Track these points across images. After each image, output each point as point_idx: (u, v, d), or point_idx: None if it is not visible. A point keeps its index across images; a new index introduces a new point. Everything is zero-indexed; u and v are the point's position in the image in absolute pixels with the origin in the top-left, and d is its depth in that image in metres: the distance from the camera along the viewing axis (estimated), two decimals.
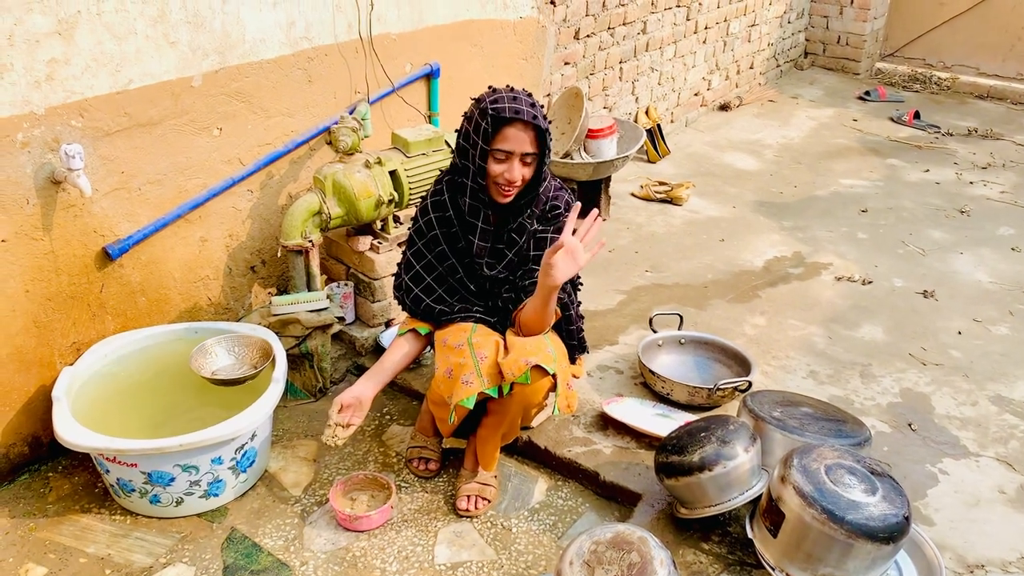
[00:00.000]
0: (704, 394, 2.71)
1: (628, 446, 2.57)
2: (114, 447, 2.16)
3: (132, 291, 2.64)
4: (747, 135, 5.57)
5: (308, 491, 2.47)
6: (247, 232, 2.93)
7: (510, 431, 2.39)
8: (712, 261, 3.85)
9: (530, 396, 2.24)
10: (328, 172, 2.80)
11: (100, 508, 2.38)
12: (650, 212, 4.36)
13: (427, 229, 2.36)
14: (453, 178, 2.31)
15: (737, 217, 4.34)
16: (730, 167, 5.02)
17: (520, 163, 2.17)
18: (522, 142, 2.15)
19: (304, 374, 2.82)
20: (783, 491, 1.97)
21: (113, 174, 2.47)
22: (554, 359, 2.22)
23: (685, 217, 4.32)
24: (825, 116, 5.99)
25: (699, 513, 2.17)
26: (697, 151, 5.25)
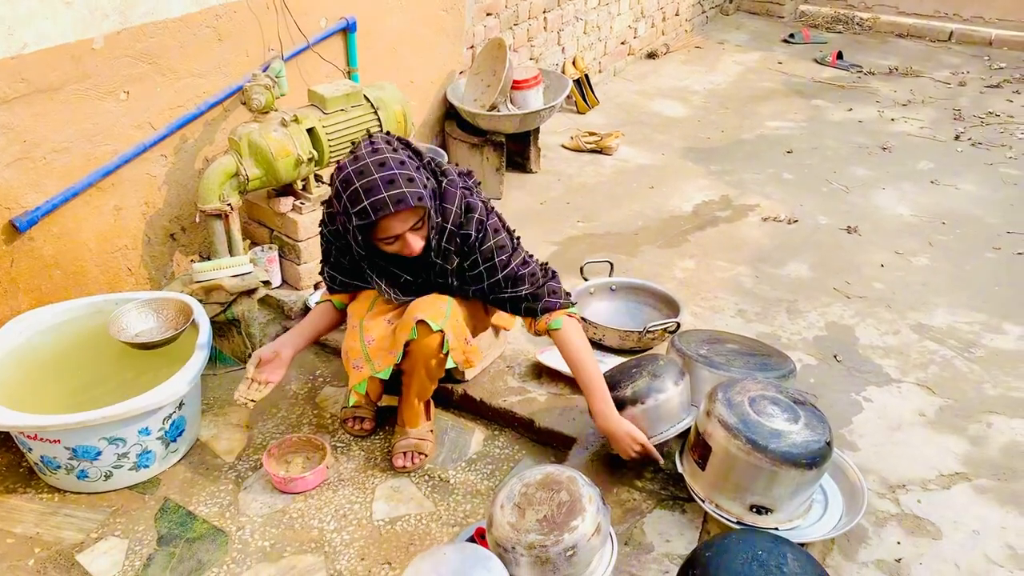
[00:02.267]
0: (635, 337, 2.75)
1: (562, 393, 2.60)
2: (34, 424, 2.11)
3: (45, 265, 2.56)
4: (675, 82, 5.60)
5: (242, 457, 2.45)
6: (164, 199, 2.85)
7: (422, 388, 2.36)
8: (642, 208, 3.88)
9: (422, 351, 2.21)
10: (243, 132, 2.74)
11: (26, 487, 2.34)
12: (581, 163, 4.37)
13: (332, 242, 2.30)
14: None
15: (666, 164, 4.38)
16: (658, 115, 5.05)
17: (413, 234, 2.06)
18: (402, 222, 2.02)
19: (232, 341, 2.78)
20: (709, 425, 2.01)
21: (14, 143, 2.38)
22: (445, 316, 2.19)
23: (615, 166, 4.35)
24: (751, 60, 6.05)
25: None
26: (626, 100, 5.26)
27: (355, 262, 2.27)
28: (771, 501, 1.96)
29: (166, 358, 2.51)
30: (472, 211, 2.17)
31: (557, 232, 3.64)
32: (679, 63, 5.98)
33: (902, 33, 6.75)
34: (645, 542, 2.08)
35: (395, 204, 1.96)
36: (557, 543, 1.71)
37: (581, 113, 5.01)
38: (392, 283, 2.27)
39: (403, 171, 1.99)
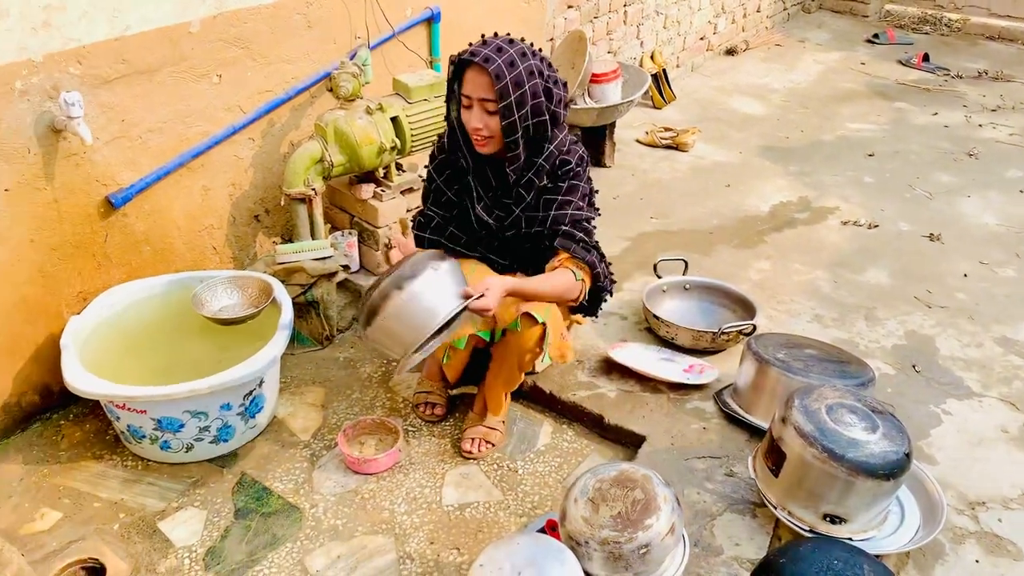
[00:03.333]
0: (708, 338, 2.72)
1: (632, 390, 2.59)
2: (124, 394, 2.19)
3: (136, 240, 2.65)
4: (753, 80, 5.51)
5: (317, 436, 2.51)
6: (250, 181, 2.93)
7: (510, 377, 2.41)
8: (717, 207, 3.84)
9: (522, 343, 2.26)
10: (330, 119, 2.79)
11: (112, 455, 2.43)
12: (655, 158, 4.34)
13: (435, 178, 2.37)
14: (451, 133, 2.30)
15: (743, 162, 4.32)
16: (736, 112, 4.98)
17: (481, 110, 2.12)
18: (477, 86, 2.09)
19: (311, 322, 2.84)
20: (784, 431, 1.99)
21: (113, 122, 2.46)
22: (546, 307, 2.24)
23: (691, 163, 4.30)
24: (832, 60, 5.91)
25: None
26: (703, 96, 5.19)
27: (453, 189, 2.31)
28: (845, 511, 1.93)
29: (247, 336, 2.58)
30: (577, 148, 2.28)
31: (630, 228, 3.62)
32: (758, 60, 5.87)
33: (993, 36, 6.51)
34: (714, 545, 2.06)
35: (478, 57, 2.05)
36: (631, 540, 1.71)
37: (657, 108, 4.96)
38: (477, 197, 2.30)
39: (513, 53, 2.07)
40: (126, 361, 2.51)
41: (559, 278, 2.24)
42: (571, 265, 2.26)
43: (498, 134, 2.15)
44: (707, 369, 2.64)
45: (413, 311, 1.93)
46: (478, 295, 2.01)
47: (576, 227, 2.27)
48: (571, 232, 2.26)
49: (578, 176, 2.26)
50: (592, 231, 2.34)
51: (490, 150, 2.20)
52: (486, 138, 2.17)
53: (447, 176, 2.35)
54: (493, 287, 2.07)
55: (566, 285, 2.25)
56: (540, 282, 2.22)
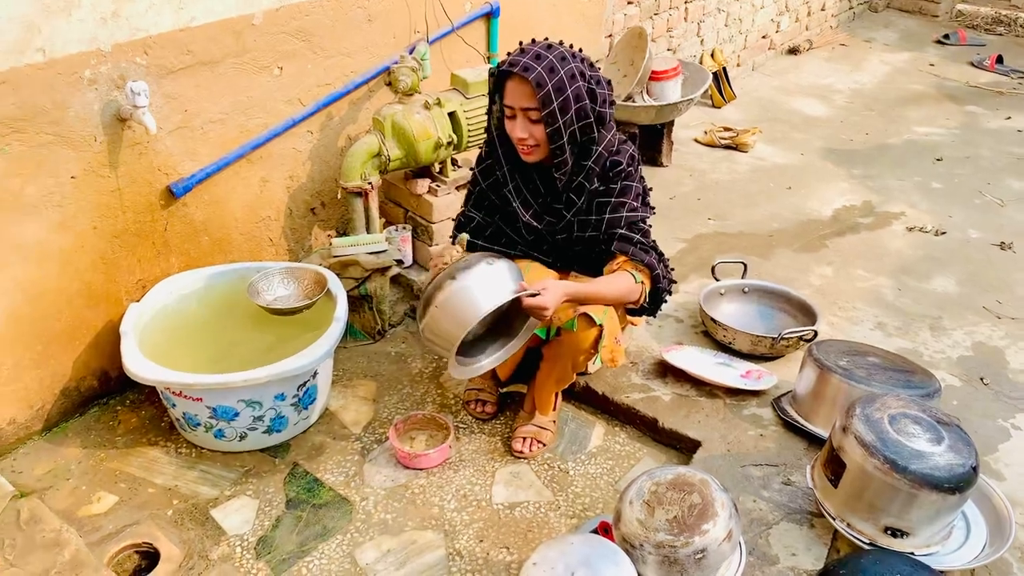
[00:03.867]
0: (767, 343, 2.70)
1: (687, 394, 2.58)
2: (181, 381, 2.25)
3: (195, 230, 2.71)
4: (817, 80, 5.44)
5: (368, 429, 2.54)
6: (307, 174, 2.98)
7: (563, 377, 2.43)
8: (778, 210, 3.80)
9: (577, 343, 2.27)
10: (388, 113, 2.83)
11: (167, 441, 2.49)
12: (714, 158, 4.31)
13: (480, 181, 2.39)
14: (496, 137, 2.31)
15: (805, 165, 4.27)
16: (798, 113, 4.92)
17: (525, 119, 2.13)
18: (519, 96, 2.10)
19: (363, 316, 2.89)
20: (844, 440, 1.97)
21: (176, 112, 2.52)
22: (604, 309, 2.24)
23: (750, 164, 4.27)
24: (900, 61, 5.81)
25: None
26: (764, 96, 5.15)
27: (498, 194, 2.33)
28: (908, 524, 1.91)
29: (301, 327, 2.62)
30: (627, 147, 2.27)
31: (687, 229, 3.60)
32: (822, 60, 5.79)
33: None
34: (770, 554, 2.05)
35: (517, 67, 2.06)
36: (687, 545, 1.71)
37: (717, 107, 4.93)
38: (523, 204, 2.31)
39: (552, 59, 2.07)
40: (182, 349, 2.58)
41: (618, 282, 2.24)
42: (630, 268, 2.26)
43: (544, 142, 2.16)
44: (765, 375, 2.62)
45: (466, 300, 1.98)
46: (535, 291, 2.03)
47: (632, 229, 2.27)
48: (628, 235, 2.26)
49: (630, 176, 2.26)
50: (649, 231, 2.33)
51: (536, 158, 2.21)
52: (532, 147, 2.17)
53: (493, 182, 2.35)
54: (551, 288, 2.07)
55: (626, 289, 2.25)
56: (599, 286, 2.22)
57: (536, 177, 2.30)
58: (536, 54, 2.07)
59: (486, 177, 2.36)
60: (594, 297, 2.21)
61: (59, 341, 2.47)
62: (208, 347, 2.67)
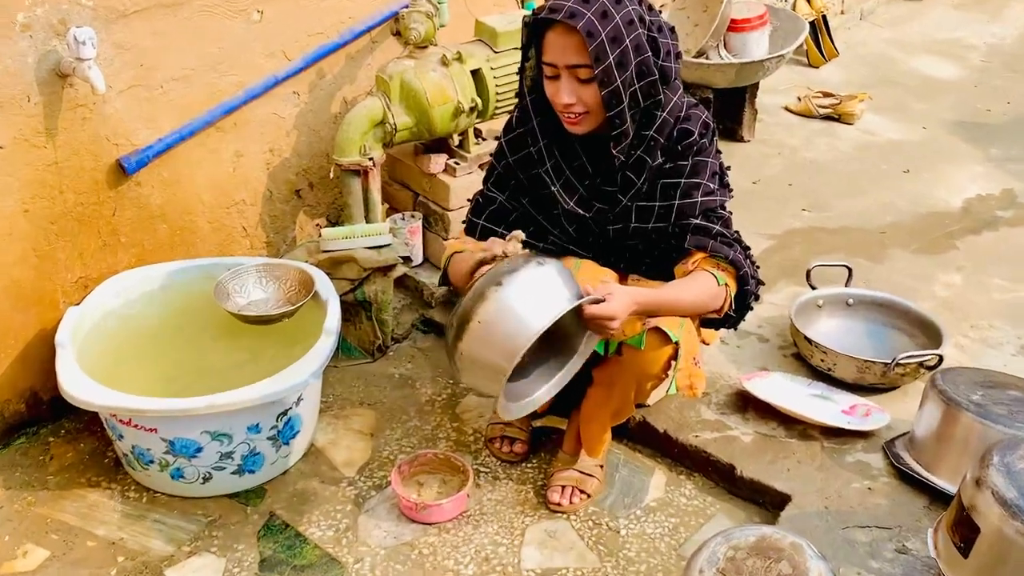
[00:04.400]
0: (878, 370, 2.68)
1: (774, 434, 2.57)
2: (130, 406, 2.27)
3: (151, 216, 2.75)
4: (943, 33, 5.43)
5: (364, 472, 2.56)
6: (292, 147, 3.01)
7: (622, 408, 2.42)
8: (892, 199, 3.79)
9: (645, 365, 2.26)
10: (395, 71, 2.84)
11: (111, 482, 2.52)
12: (810, 132, 4.31)
13: (507, 154, 2.37)
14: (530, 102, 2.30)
15: (928, 141, 4.26)
16: (919, 75, 4.91)
17: (572, 79, 2.10)
18: (564, 51, 2.06)
19: (360, 327, 2.91)
20: (978, 497, 1.95)
21: (130, 67, 2.56)
22: (680, 324, 2.23)
23: (857, 140, 4.26)
24: None
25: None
26: (875, 52, 5.14)
27: (529, 173, 2.32)
28: None
29: (281, 340, 2.65)
30: (698, 112, 2.25)
31: (774, 222, 3.59)
32: (950, 6, 5.79)
33: None
34: None
35: (561, 13, 2.01)
36: None
37: (814, 66, 4.94)
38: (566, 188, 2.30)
39: (603, 4, 2.03)
40: (134, 365, 2.61)
41: (698, 285, 2.21)
42: (710, 267, 2.24)
43: (596, 108, 2.13)
44: (874, 411, 2.60)
45: (516, 314, 1.94)
46: (599, 297, 2.02)
47: (710, 217, 2.26)
48: (705, 225, 2.25)
49: (704, 149, 2.24)
50: (730, 219, 2.32)
51: (585, 129, 2.19)
52: (580, 115, 2.15)
53: (524, 157, 2.33)
54: (618, 294, 2.04)
55: (707, 294, 2.22)
56: (675, 291, 2.20)
57: (582, 152, 2.29)
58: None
59: (515, 150, 2.35)
60: (669, 305, 2.19)
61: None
62: (165, 364, 2.69)
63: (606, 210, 2.28)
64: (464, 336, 1.95)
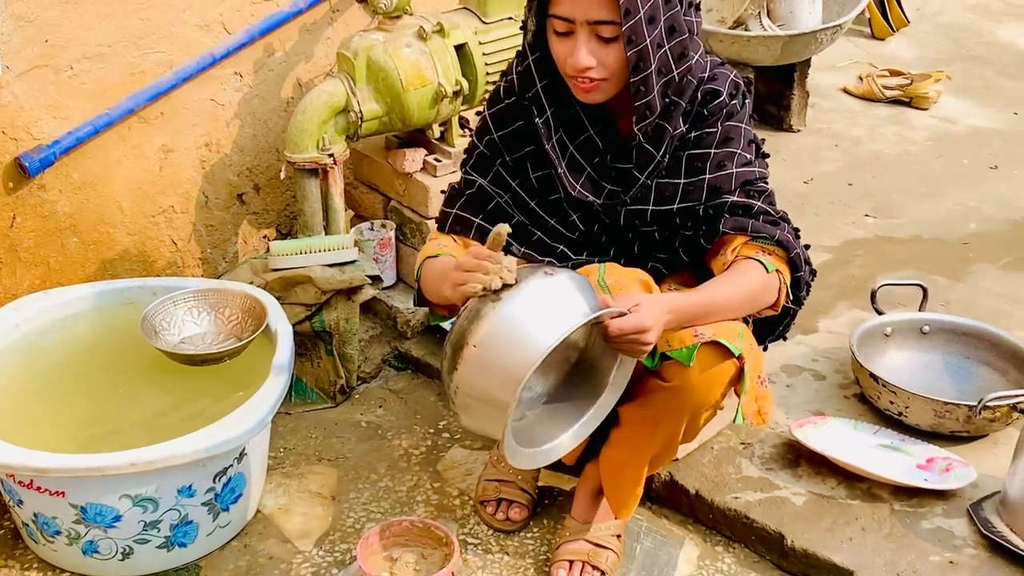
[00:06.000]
0: (961, 414, 2.68)
1: (832, 495, 2.57)
2: (30, 464, 2.25)
3: (58, 227, 2.75)
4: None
5: (323, 545, 2.55)
6: (232, 140, 3.01)
7: (664, 452, 2.39)
8: (977, 202, 3.82)
9: (701, 391, 2.23)
10: (361, 45, 2.85)
11: (7, 558, 2.50)
12: (873, 120, 4.34)
13: (492, 129, 2.38)
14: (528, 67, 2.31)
15: (1020, 131, 4.28)
16: (1009, 48, 4.96)
17: (592, 37, 2.11)
18: (584, 4, 2.08)
19: (318, 364, 2.90)
20: None
21: (33, 42, 2.57)
22: (739, 334, 2.22)
23: (932, 129, 4.29)
24: None
25: None
26: (952, 21, 5.18)
27: (520, 152, 2.34)
28: None
29: (221, 381, 2.64)
30: (725, 71, 2.30)
31: (830, 230, 3.61)
32: None
33: None
34: None
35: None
36: None
37: (878, 38, 4.97)
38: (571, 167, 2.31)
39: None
40: (37, 413, 2.60)
41: (745, 277, 2.22)
42: (753, 252, 2.25)
43: (617, 73, 2.15)
44: (957, 465, 2.60)
45: (520, 333, 1.92)
46: (622, 310, 2.00)
47: (749, 193, 2.29)
48: (744, 202, 2.27)
49: (735, 113, 2.29)
50: (773, 194, 2.35)
51: (601, 98, 2.21)
52: (598, 80, 2.16)
53: (514, 132, 2.35)
54: (647, 303, 2.03)
55: (758, 286, 2.23)
56: (718, 290, 2.21)
57: (588, 123, 2.31)
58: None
59: (504, 124, 2.36)
60: (713, 308, 2.19)
61: None
62: (79, 410, 2.69)
63: (620, 192, 2.30)
64: (459, 365, 1.94)
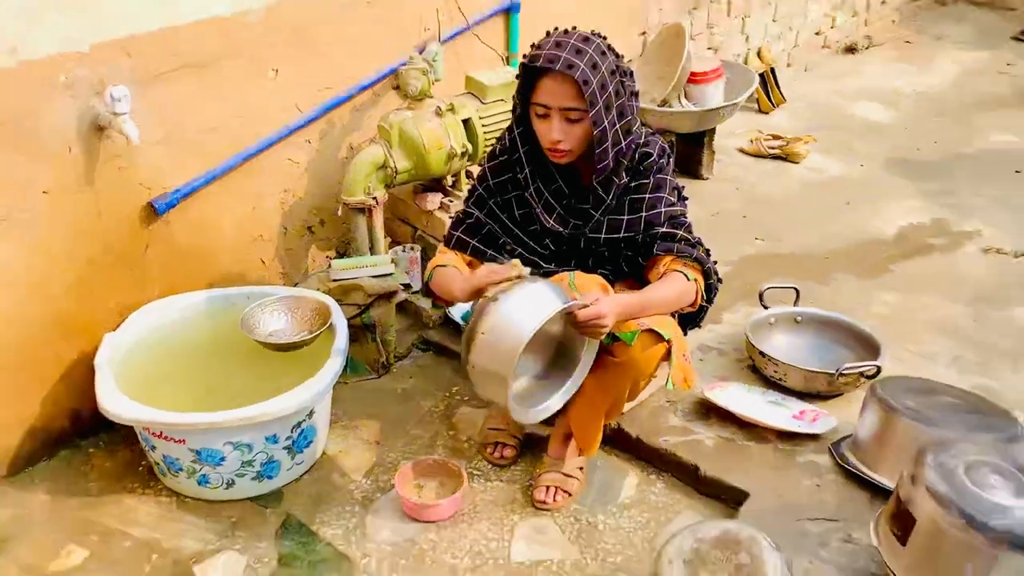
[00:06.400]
0: (824, 380, 2.69)
1: (733, 438, 2.57)
2: (161, 420, 2.26)
3: (180, 252, 2.75)
4: (879, 82, 5.46)
5: (370, 476, 2.55)
6: (304, 188, 3.01)
7: (615, 407, 2.41)
8: (836, 229, 3.81)
9: (641, 365, 2.28)
10: (395, 120, 2.86)
11: (145, 488, 2.50)
12: (762, 170, 4.33)
13: (488, 177, 2.40)
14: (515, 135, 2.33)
15: (866, 178, 4.28)
16: (858, 119, 4.94)
17: (563, 120, 2.15)
18: (559, 95, 2.12)
19: (366, 348, 2.90)
20: (914, 492, 1.95)
21: (161, 120, 2.56)
22: (668, 324, 2.28)
23: (803, 176, 4.28)
24: (973, 60, 5.82)
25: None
26: (818, 100, 5.17)
27: (508, 195, 2.36)
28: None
29: (299, 363, 2.64)
30: (655, 139, 2.32)
31: (732, 249, 3.60)
32: (884, 60, 5.82)
33: None
34: None
35: (558, 64, 2.06)
36: None
37: (764, 112, 4.96)
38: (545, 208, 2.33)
39: (592, 53, 2.10)
40: (164, 385, 2.60)
41: (672, 284, 2.28)
42: (678, 267, 2.30)
43: (579, 143, 2.20)
44: (822, 416, 2.60)
45: (513, 322, 2.00)
46: (586, 303, 2.06)
47: (674, 224, 2.33)
48: (671, 232, 2.32)
49: (663, 169, 2.32)
50: (691, 226, 2.39)
51: (568, 160, 2.25)
52: (566, 150, 2.20)
53: (506, 181, 2.38)
54: (604, 300, 2.10)
55: (682, 289, 2.29)
56: (654, 292, 2.26)
57: (558, 176, 2.33)
58: (575, 48, 2.09)
59: (498, 175, 2.39)
60: (651, 305, 2.24)
61: (27, 376, 2.49)
62: (194, 382, 2.69)
63: (580, 225, 2.34)
64: (472, 349, 2.04)
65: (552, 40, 2.14)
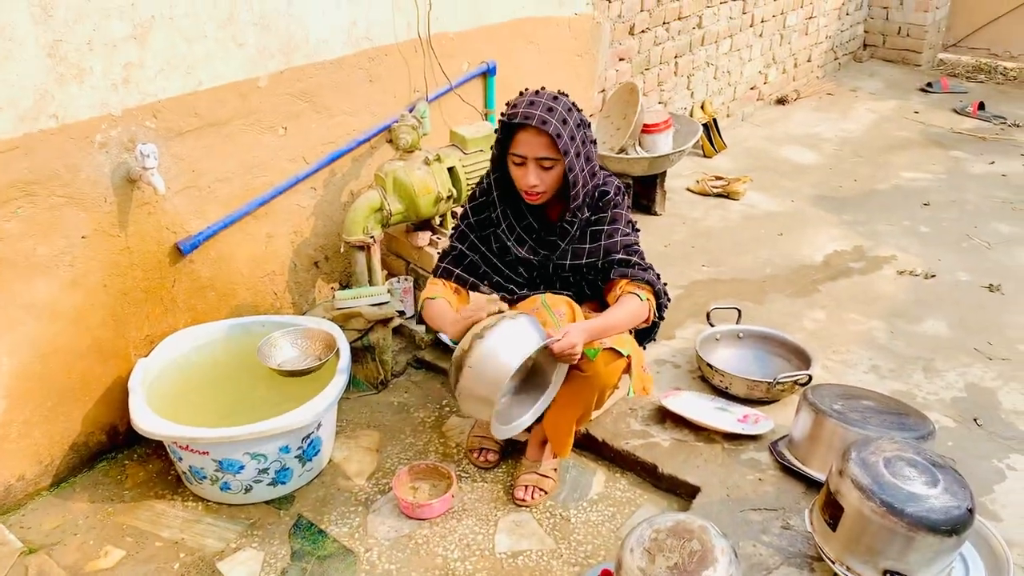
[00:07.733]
0: (763, 388, 2.70)
1: (686, 439, 2.57)
2: (187, 435, 2.25)
3: (202, 286, 2.73)
4: (805, 129, 5.51)
5: (371, 480, 2.53)
6: (311, 228, 3.01)
7: (585, 414, 2.41)
8: (770, 256, 3.83)
9: (605, 378, 2.29)
10: (389, 169, 2.86)
11: (173, 495, 2.48)
12: (706, 207, 4.35)
13: (470, 215, 2.43)
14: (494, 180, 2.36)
15: (795, 211, 4.31)
16: (788, 161, 4.98)
17: (537, 167, 2.19)
18: (534, 147, 2.16)
19: (366, 367, 2.89)
20: (841, 484, 1.96)
21: (185, 172, 2.56)
22: (627, 342, 2.31)
23: (742, 211, 4.30)
24: (886, 108, 5.89)
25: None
26: (754, 145, 5.21)
27: (485, 230, 2.39)
28: (907, 567, 1.89)
29: (308, 380, 2.62)
30: (612, 179, 2.38)
31: (682, 275, 3.62)
32: (810, 110, 5.88)
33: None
34: None
35: (534, 120, 2.12)
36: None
37: (708, 157, 4.98)
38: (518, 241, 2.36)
39: (561, 110, 2.16)
40: (189, 403, 2.58)
41: (628, 305, 2.29)
42: (632, 288, 2.32)
43: (551, 187, 2.24)
44: (762, 419, 2.61)
45: (497, 357, 2.02)
46: (558, 338, 2.09)
47: (629, 252, 2.36)
48: (625, 258, 2.35)
49: (619, 204, 2.35)
50: (643, 253, 2.42)
51: (541, 201, 2.29)
52: (540, 193, 2.25)
53: (484, 219, 2.40)
54: (572, 330, 2.13)
55: (636, 309, 2.30)
56: (613, 315, 2.27)
57: (528, 214, 2.37)
58: (547, 106, 2.15)
59: (477, 213, 2.42)
60: (612, 327, 2.25)
61: (69, 397, 2.47)
62: (216, 401, 2.66)
63: (549, 254, 2.37)
64: (460, 379, 2.06)
65: (526, 99, 2.19)
